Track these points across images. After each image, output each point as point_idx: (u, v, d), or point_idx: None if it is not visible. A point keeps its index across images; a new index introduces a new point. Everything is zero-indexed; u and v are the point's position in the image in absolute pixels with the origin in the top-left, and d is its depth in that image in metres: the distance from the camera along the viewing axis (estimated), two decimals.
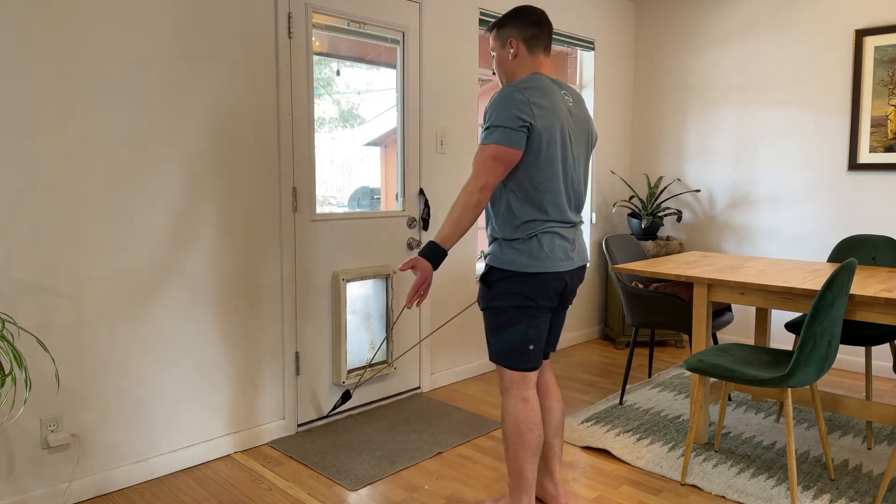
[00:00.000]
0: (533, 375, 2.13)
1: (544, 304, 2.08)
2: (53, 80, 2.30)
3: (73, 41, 2.33)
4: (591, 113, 4.72)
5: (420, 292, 2.05)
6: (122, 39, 2.45)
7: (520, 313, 2.07)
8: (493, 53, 2.19)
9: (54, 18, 2.29)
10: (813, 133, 4.21)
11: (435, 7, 3.57)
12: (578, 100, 2.18)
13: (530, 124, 1.97)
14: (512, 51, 2.12)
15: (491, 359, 2.17)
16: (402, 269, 2.04)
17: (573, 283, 2.16)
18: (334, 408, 3.17)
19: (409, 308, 2.07)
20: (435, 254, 2.02)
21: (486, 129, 2.00)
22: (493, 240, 2.13)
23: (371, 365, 3.36)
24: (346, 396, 3.16)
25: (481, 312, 2.24)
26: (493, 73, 2.26)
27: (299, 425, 3.13)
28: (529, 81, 2.03)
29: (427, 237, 3.62)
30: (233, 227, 2.82)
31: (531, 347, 2.09)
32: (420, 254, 2.03)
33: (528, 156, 2.01)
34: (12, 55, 2.21)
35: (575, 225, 2.15)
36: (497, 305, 2.09)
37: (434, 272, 2.10)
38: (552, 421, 2.29)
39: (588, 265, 4.85)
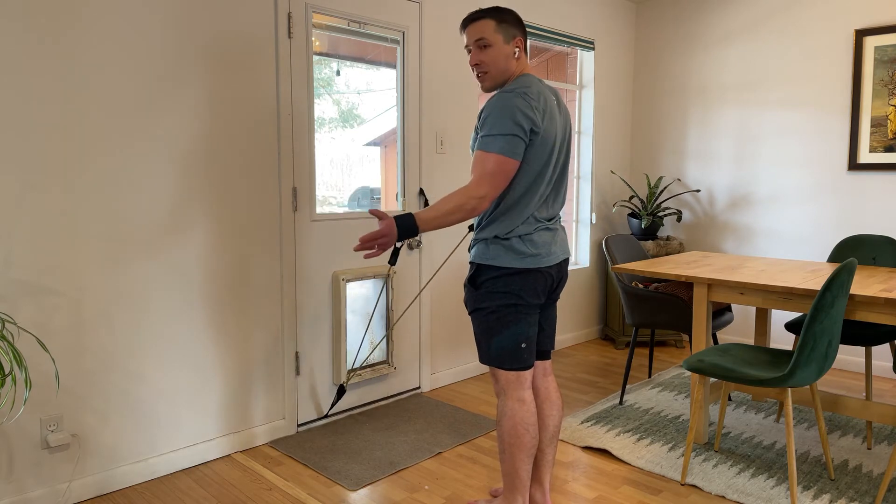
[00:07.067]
0: (528, 374, 2.12)
1: (533, 301, 2.07)
2: (53, 80, 2.30)
3: (72, 40, 2.33)
4: (591, 113, 4.73)
5: (373, 246, 1.96)
6: (121, 38, 2.45)
7: (510, 312, 2.06)
8: (487, 44, 2.04)
9: (54, 17, 2.29)
10: (813, 133, 4.21)
11: (435, 7, 3.57)
12: (559, 97, 2.16)
13: (534, 131, 1.97)
14: (517, 50, 2.08)
15: (483, 361, 2.15)
16: (369, 212, 1.98)
17: (558, 277, 2.16)
18: (332, 405, 3.17)
19: (355, 250, 1.97)
20: (407, 226, 1.95)
21: (489, 135, 1.95)
22: (477, 241, 2.12)
23: (370, 365, 3.36)
24: (341, 391, 3.16)
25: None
26: (476, 65, 2.08)
27: (299, 425, 3.13)
28: (527, 85, 2.00)
29: (427, 237, 3.62)
30: (233, 227, 2.82)
31: (523, 346, 2.08)
32: (396, 217, 1.96)
33: (530, 160, 2.01)
34: (11, 56, 2.21)
35: (554, 220, 2.17)
36: (486, 307, 2.08)
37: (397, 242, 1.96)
38: (549, 429, 2.26)
39: (582, 262, 4.90)
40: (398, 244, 1.93)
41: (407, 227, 1.96)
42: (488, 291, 2.07)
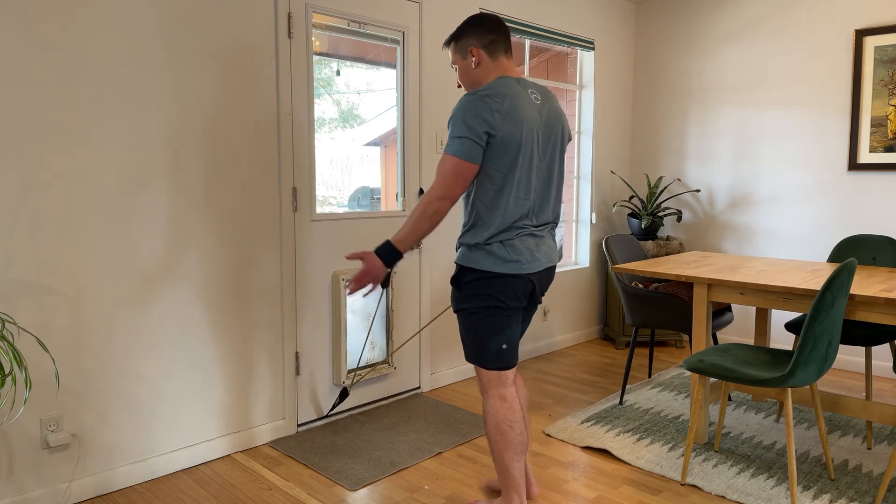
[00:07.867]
0: (510, 373, 2.16)
1: (513, 304, 2.10)
2: (53, 81, 2.30)
3: (71, 41, 2.33)
4: (591, 113, 4.72)
5: (364, 284, 2.08)
6: (121, 38, 2.45)
7: (490, 314, 2.09)
8: (455, 66, 2.21)
9: (54, 19, 2.29)
10: (813, 133, 4.21)
11: (435, 7, 3.57)
12: (548, 97, 2.16)
13: (490, 133, 1.98)
14: (474, 59, 2.13)
15: (467, 359, 2.20)
16: (347, 258, 2.09)
17: (541, 284, 2.18)
18: (333, 406, 3.17)
19: (350, 293, 2.10)
20: (388, 253, 2.06)
21: (450, 137, 2.02)
22: (461, 244, 2.15)
23: (370, 365, 3.36)
24: (344, 394, 3.16)
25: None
26: (459, 86, 2.27)
27: (299, 425, 3.13)
28: (493, 87, 2.02)
29: (428, 237, 3.62)
30: (233, 228, 2.82)
31: (504, 346, 2.12)
32: (375, 250, 2.07)
33: (493, 162, 2.01)
34: (12, 58, 2.21)
35: (543, 226, 2.16)
36: (468, 307, 2.12)
37: (388, 270, 2.11)
38: None
39: (582, 262, 4.90)
40: (389, 270, 2.08)
41: (389, 254, 2.07)
42: (470, 293, 2.11)
